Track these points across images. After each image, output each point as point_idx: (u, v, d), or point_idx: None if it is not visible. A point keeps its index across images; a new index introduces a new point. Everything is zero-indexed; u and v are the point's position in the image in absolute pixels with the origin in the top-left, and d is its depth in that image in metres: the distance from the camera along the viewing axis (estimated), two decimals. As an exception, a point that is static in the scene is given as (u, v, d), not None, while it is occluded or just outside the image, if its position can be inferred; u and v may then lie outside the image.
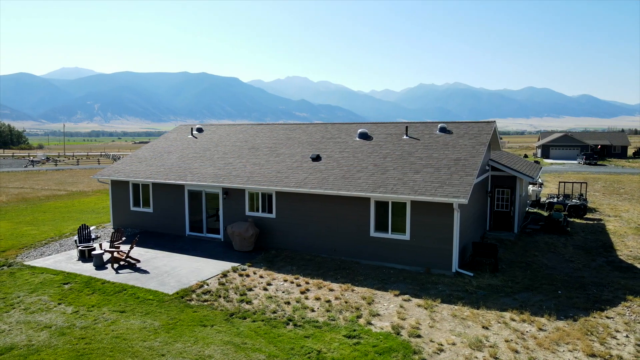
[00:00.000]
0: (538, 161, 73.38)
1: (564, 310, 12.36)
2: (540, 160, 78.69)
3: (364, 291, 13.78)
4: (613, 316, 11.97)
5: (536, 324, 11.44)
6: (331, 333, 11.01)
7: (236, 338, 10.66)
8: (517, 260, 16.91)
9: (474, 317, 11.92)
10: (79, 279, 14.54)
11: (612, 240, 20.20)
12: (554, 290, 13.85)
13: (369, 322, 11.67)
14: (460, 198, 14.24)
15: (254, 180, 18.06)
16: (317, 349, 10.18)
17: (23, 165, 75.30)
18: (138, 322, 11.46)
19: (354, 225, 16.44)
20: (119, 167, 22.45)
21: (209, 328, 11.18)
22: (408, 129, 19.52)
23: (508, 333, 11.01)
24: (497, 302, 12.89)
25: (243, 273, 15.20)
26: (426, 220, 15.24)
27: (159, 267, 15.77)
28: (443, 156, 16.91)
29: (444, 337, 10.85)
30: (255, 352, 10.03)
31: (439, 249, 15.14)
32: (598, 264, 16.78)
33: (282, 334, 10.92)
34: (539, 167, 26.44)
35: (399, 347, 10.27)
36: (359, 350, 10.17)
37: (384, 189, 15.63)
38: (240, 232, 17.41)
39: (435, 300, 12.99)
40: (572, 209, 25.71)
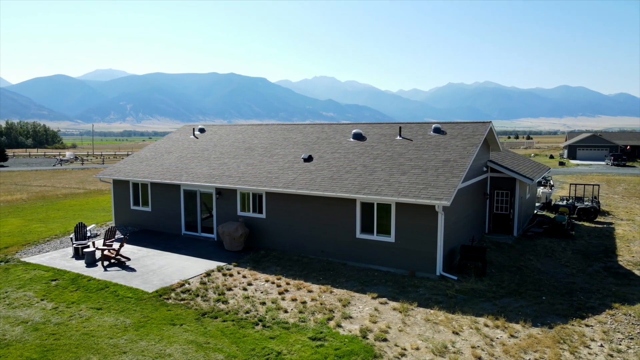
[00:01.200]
0: (563, 162, 71.34)
1: (542, 316, 11.99)
2: (566, 161, 76.44)
3: (342, 293, 13.69)
4: (593, 324, 11.54)
5: (509, 330, 11.13)
6: (297, 335, 10.99)
7: (201, 337, 10.77)
8: (509, 265, 16.48)
9: (448, 321, 11.69)
10: (67, 276, 14.97)
11: (616, 245, 19.46)
12: (539, 296, 13.45)
13: (339, 325, 11.59)
14: (443, 200, 13.98)
15: (245, 180, 18.20)
16: (278, 351, 10.18)
17: (52, 164, 78.00)
18: (111, 320, 11.71)
19: (340, 227, 16.36)
20: (120, 167, 22.99)
21: (178, 327, 11.33)
22: (402, 130, 19.28)
23: (477, 339, 10.76)
24: (475, 307, 12.60)
25: (227, 273, 15.33)
26: (411, 222, 15.03)
27: (147, 266, 16.06)
28: (433, 157, 16.65)
29: (410, 341, 10.68)
30: (216, 352, 10.11)
31: (423, 251, 14.91)
32: (594, 269, 16.20)
33: (248, 335, 10.97)
34: (545, 169, 25.70)
35: (361, 351, 10.17)
36: (319, 353, 10.11)
37: (369, 190, 15.50)
38: (230, 232, 17.56)
39: (412, 304, 12.79)
40: (582, 211, 24.89)
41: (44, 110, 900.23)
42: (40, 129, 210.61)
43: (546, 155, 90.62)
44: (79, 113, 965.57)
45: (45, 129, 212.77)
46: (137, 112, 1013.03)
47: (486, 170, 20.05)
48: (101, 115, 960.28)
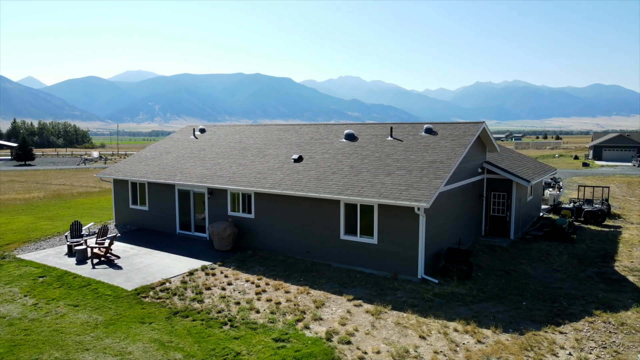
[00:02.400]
0: (587, 163, 69.25)
1: (517, 322, 11.67)
2: (590, 162, 74.18)
3: (319, 294, 13.64)
4: (568, 331, 11.17)
5: (478, 336, 10.88)
6: (262, 335, 11.00)
7: (166, 336, 10.89)
8: (497, 268, 16.11)
9: (418, 325, 11.51)
10: (54, 273, 15.37)
11: (618, 250, 18.79)
12: (520, 301, 13.10)
13: (307, 327, 11.55)
14: (422, 202, 13.76)
15: (234, 180, 18.32)
16: (238, 351, 10.22)
17: (76, 164, 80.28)
18: (84, 317, 11.97)
19: (325, 228, 16.30)
20: (120, 167, 23.47)
21: (147, 325, 11.49)
22: (393, 130, 19.07)
23: (442, 344, 10.55)
24: (450, 311, 12.36)
25: (210, 272, 15.46)
26: (393, 224, 14.85)
27: (135, 264, 16.35)
28: (420, 158, 16.41)
29: (373, 345, 10.56)
30: (176, 351, 10.21)
31: (405, 254, 14.71)
32: (586, 274, 15.68)
33: (213, 335, 11.04)
34: (550, 170, 25.00)
35: (320, 354, 10.11)
36: (279, 355, 10.10)
37: (352, 191, 15.39)
38: (219, 232, 17.71)
39: (385, 307, 12.64)
40: (589, 214, 24.11)
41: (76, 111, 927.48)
42: (71, 129, 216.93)
43: (571, 156, 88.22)
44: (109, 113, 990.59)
45: (75, 129, 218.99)
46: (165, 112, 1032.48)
47: (481, 172, 19.63)
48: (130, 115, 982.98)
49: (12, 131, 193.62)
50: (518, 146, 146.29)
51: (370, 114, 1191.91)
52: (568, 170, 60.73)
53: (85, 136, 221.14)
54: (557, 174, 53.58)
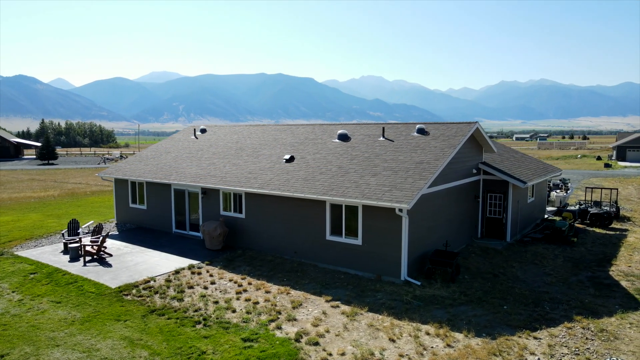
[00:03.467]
0: (610, 164, 67.28)
1: (492, 327, 11.44)
2: (613, 163, 72.07)
3: (298, 295, 13.63)
4: (542, 337, 10.89)
5: (449, 339, 10.71)
6: (232, 335, 11.06)
7: (137, 334, 11.06)
8: (486, 271, 15.82)
9: (391, 328, 11.39)
10: (45, 270, 15.76)
11: (618, 254, 18.23)
12: (501, 305, 12.84)
13: (279, 327, 11.56)
14: (403, 203, 13.61)
15: (226, 180, 18.47)
16: (203, 350, 10.30)
17: (97, 163, 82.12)
18: (63, 313, 12.24)
19: (311, 228, 16.28)
20: (120, 166, 23.92)
21: (121, 323, 11.69)
22: (385, 130, 18.92)
23: (410, 347, 10.42)
24: (426, 314, 12.20)
25: (196, 271, 15.62)
26: (377, 225, 14.74)
27: (125, 262, 16.64)
28: (408, 159, 16.23)
29: (340, 346, 10.50)
30: (143, 348, 10.35)
31: (388, 255, 14.58)
32: (578, 279, 15.26)
33: (184, 333, 11.15)
34: (554, 171, 24.40)
35: (284, 354, 10.10)
36: (243, 354, 10.14)
37: (336, 192, 15.33)
38: (209, 231, 17.88)
39: (362, 309, 12.56)
40: (594, 217, 23.45)
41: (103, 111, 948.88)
42: (96, 129, 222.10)
43: (594, 157, 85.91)
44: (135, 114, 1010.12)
45: (100, 129, 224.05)
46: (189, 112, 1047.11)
47: (476, 172, 19.29)
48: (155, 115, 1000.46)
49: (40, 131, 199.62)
50: (541, 146, 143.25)
51: (393, 114, 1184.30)
52: (588, 171, 59.17)
53: (110, 136, 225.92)
54: (575, 175, 52.26)
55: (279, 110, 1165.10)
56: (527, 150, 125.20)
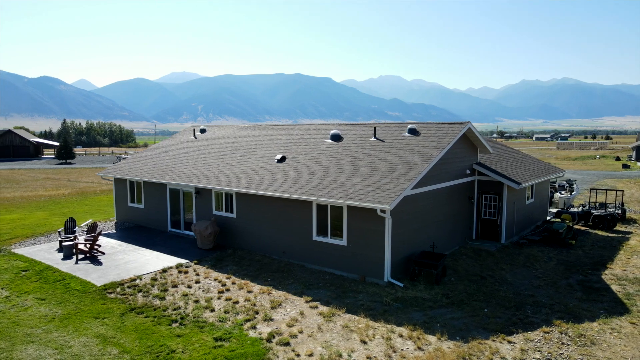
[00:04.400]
0: (628, 165, 65.64)
1: (468, 330, 11.27)
2: (632, 164, 70.27)
3: (279, 295, 13.65)
4: (517, 341, 10.69)
5: (420, 342, 10.60)
6: (205, 334, 11.13)
7: (111, 332, 11.21)
8: (474, 273, 15.60)
9: (365, 329, 11.32)
10: (37, 267, 16.10)
11: (615, 257, 17.78)
12: (482, 308, 12.64)
13: (254, 327, 11.60)
14: (384, 204, 13.51)
15: (218, 180, 18.59)
16: (173, 349, 10.39)
17: (112, 162, 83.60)
18: (45, 310, 12.48)
19: (299, 228, 16.28)
20: (120, 166, 24.29)
21: (99, 320, 11.86)
22: (377, 131, 18.81)
23: (380, 349, 10.34)
24: (403, 316, 12.09)
25: (183, 270, 15.77)
26: (361, 226, 14.66)
27: (116, 260, 16.89)
28: (396, 159, 16.11)
29: (310, 347, 10.48)
30: (114, 346, 10.49)
31: (372, 256, 14.50)
32: (568, 282, 14.93)
33: (158, 332, 11.26)
34: (555, 171, 23.91)
35: (252, 354, 10.13)
36: (212, 354, 10.20)
37: (321, 192, 15.31)
38: (201, 231, 18.02)
39: (340, 310, 12.52)
40: (597, 219, 22.90)
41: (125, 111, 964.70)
42: (116, 129, 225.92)
43: (613, 157, 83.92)
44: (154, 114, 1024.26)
45: (120, 129, 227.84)
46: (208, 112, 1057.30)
47: (470, 173, 19.02)
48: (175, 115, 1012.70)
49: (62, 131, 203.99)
50: (560, 146, 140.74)
51: (411, 114, 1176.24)
52: (604, 172, 57.86)
53: (129, 136, 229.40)
54: (590, 177, 51.14)
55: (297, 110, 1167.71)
56: (545, 151, 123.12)
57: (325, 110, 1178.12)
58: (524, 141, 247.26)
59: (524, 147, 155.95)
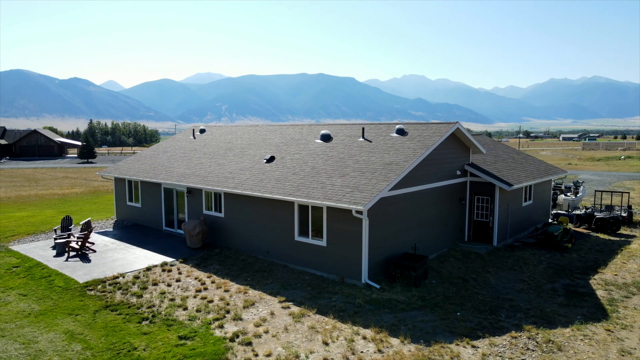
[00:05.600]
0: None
1: (435, 333, 11.10)
2: (656, 164, 67.83)
3: (255, 294, 13.71)
4: (481, 346, 10.48)
5: (382, 344, 10.50)
6: (171, 332, 11.26)
7: (80, 328, 11.45)
8: (457, 276, 15.34)
9: (331, 331, 11.27)
10: (28, 263, 16.56)
11: (610, 261, 17.24)
12: (455, 311, 12.44)
13: (221, 326, 11.68)
14: (359, 205, 13.42)
15: (207, 180, 18.78)
16: (136, 346, 10.54)
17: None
18: (24, 306, 12.83)
19: (282, 229, 16.31)
20: (120, 165, 24.77)
21: (72, 317, 12.12)
22: (365, 131, 18.68)
23: (339, 351, 10.28)
24: (372, 318, 11.98)
25: (167, 269, 15.99)
26: (339, 227, 14.60)
27: (105, 258, 17.23)
28: (379, 159, 15.97)
29: (270, 348, 10.49)
30: (79, 342, 10.71)
31: (350, 257, 14.42)
32: (553, 286, 14.55)
33: (126, 329, 11.45)
34: (557, 172, 23.29)
35: (210, 353, 10.20)
36: (172, 352, 10.31)
37: (302, 192, 15.30)
38: (189, 230, 18.24)
39: (311, 310, 12.50)
40: (600, 222, 22.24)
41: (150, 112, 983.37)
42: (140, 128, 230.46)
43: (639, 158, 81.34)
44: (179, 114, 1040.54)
45: (144, 129, 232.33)
46: (232, 112, 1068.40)
47: (460, 174, 18.70)
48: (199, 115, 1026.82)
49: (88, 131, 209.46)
50: (586, 147, 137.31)
51: (435, 113, 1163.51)
52: (626, 173, 56.13)
53: (153, 135, 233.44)
54: (610, 178, 49.63)
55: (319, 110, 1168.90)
56: (570, 151, 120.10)
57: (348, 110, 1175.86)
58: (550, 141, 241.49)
59: (548, 147, 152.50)
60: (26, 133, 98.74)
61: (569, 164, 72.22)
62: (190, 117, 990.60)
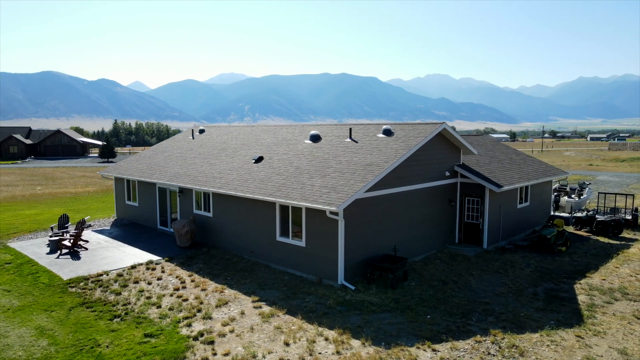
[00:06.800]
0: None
1: (398, 336, 10.99)
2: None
3: (231, 294, 13.82)
4: (442, 349, 10.33)
5: (343, 346, 10.46)
6: (139, 330, 11.44)
7: (51, 324, 11.73)
8: (438, 279, 15.14)
9: (296, 332, 11.29)
10: (20, 260, 17.06)
11: (602, 266, 16.75)
12: (426, 314, 12.28)
13: (189, 325, 11.81)
14: (332, 206, 13.38)
15: (197, 180, 19.00)
16: (99, 343, 10.75)
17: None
18: (4, 302, 13.21)
19: (264, 229, 16.39)
20: (120, 165, 25.27)
21: (47, 313, 12.44)
22: (352, 131, 18.60)
23: (297, 352, 10.28)
24: (340, 319, 11.93)
25: (151, 267, 16.25)
26: (317, 227, 14.59)
27: (95, 256, 17.61)
28: (361, 160, 15.89)
29: (230, 347, 10.56)
30: (47, 338, 10.98)
31: (327, 258, 14.39)
32: (534, 291, 14.23)
33: (95, 326, 11.69)
34: (553, 174, 22.71)
35: (170, 351, 10.33)
36: (134, 349, 10.48)
37: (282, 193, 15.34)
38: (178, 229, 18.50)
39: (281, 311, 12.54)
40: (600, 225, 21.60)
41: (175, 112, 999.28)
42: (163, 128, 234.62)
43: None
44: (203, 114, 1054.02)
45: (167, 129, 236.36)
46: (254, 112, 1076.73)
47: (449, 175, 18.43)
48: (222, 115, 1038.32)
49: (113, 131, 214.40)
50: (612, 147, 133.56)
51: (459, 113, 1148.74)
52: (642, 174, 54.39)
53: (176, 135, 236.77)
54: (629, 179, 48.13)
55: (342, 110, 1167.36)
56: (594, 151, 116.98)
57: (370, 110, 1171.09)
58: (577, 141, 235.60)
59: (573, 147, 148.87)
60: (50, 133, 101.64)
61: (589, 165, 70.36)
62: (213, 117, 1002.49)
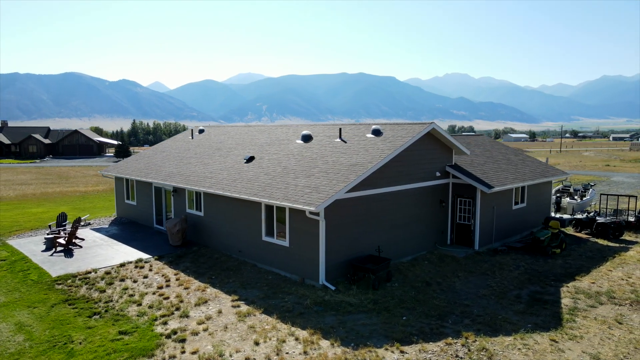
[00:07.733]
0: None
1: (369, 337, 10.94)
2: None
3: (212, 292, 13.93)
4: (410, 351, 10.25)
5: (312, 346, 10.48)
6: (115, 327, 11.61)
7: (31, 321, 11.99)
8: (422, 280, 15.01)
9: (268, 331, 11.33)
10: (15, 257, 17.46)
11: (594, 269, 16.39)
12: (402, 316, 12.20)
13: (165, 323, 11.94)
14: (311, 206, 13.37)
15: (189, 180, 19.19)
16: (73, 340, 10.95)
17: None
18: (-9, 297, 13.59)
19: (251, 228, 16.47)
20: (119, 164, 25.65)
21: (29, 309, 12.71)
22: (342, 132, 18.55)
23: (265, 352, 10.32)
24: (315, 320, 11.93)
25: (139, 265, 16.46)
26: (300, 227, 14.60)
27: (88, 254, 17.92)
28: (347, 160, 15.84)
29: (200, 345, 10.65)
30: (24, 334, 11.23)
31: (309, 258, 14.39)
32: (518, 293, 14.02)
33: (73, 322, 11.90)
34: (552, 175, 22.28)
35: (139, 349, 10.46)
36: (105, 346, 10.64)
37: (266, 193, 15.39)
38: (170, 228, 18.71)
39: (258, 310, 12.60)
40: (600, 227, 21.12)
41: (194, 112, 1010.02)
42: (180, 128, 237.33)
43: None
44: (222, 114, 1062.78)
45: (184, 129, 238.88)
46: (272, 112, 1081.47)
47: (440, 175, 18.24)
48: (240, 115, 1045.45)
49: (131, 131, 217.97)
50: (634, 147, 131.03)
51: (478, 113, 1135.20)
52: (660, 175, 53.03)
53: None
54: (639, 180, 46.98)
55: (359, 109, 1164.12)
56: (614, 151, 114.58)
57: (388, 109, 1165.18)
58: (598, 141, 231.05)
59: (594, 147, 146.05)
60: (68, 133, 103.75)
61: (606, 165, 68.91)
62: (231, 117, 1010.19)
